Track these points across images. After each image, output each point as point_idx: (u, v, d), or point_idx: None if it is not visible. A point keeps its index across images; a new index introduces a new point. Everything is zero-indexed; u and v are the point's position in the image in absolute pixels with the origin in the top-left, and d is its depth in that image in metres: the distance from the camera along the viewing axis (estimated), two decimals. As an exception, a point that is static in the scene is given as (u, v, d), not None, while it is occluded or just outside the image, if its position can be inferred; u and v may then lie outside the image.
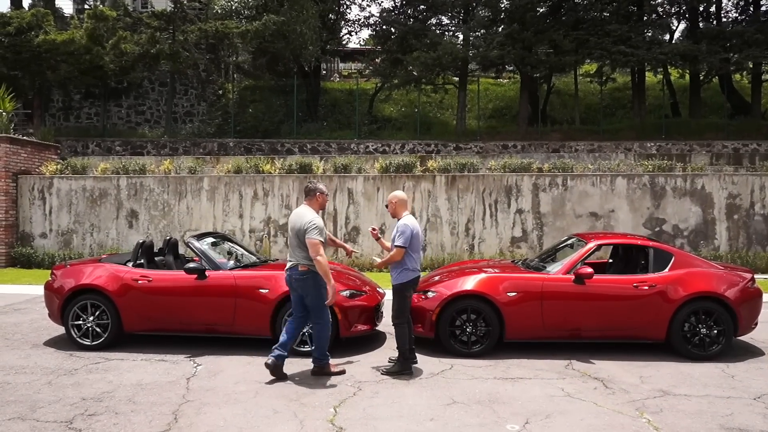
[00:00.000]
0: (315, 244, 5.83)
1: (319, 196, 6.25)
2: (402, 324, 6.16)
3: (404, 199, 6.41)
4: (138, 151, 21.18)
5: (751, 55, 20.75)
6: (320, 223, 5.97)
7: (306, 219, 5.97)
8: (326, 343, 6.12)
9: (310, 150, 21.32)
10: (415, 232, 6.14)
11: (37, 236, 14.98)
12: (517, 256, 13.75)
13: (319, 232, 5.90)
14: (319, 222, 5.96)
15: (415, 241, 6.16)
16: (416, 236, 6.16)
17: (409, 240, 6.09)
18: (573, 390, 5.72)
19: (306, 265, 5.92)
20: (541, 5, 22.91)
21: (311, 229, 5.88)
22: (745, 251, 14.06)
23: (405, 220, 6.21)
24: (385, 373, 6.16)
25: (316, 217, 6.02)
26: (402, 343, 6.18)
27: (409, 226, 6.12)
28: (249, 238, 14.57)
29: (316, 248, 5.81)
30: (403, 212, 6.33)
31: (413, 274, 6.19)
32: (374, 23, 26.54)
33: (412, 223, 6.20)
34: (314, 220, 5.96)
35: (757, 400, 5.47)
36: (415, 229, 6.16)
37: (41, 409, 5.16)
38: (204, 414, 5.08)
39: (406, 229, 6.09)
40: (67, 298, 7.16)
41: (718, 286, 6.83)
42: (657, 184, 14.26)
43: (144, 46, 20.91)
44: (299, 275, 5.96)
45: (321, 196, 6.26)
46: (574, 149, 20.74)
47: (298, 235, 5.94)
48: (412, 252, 6.15)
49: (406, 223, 6.14)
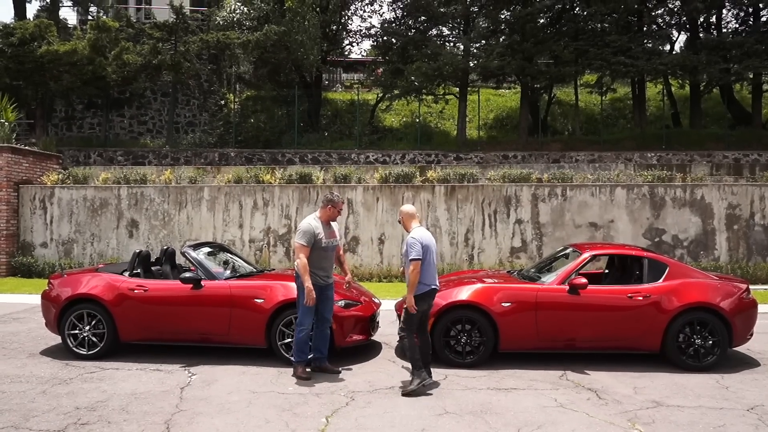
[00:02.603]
0: (296, 247, 6.28)
1: (330, 209, 6.48)
2: (406, 337, 6.09)
3: (409, 212, 6.33)
4: (140, 161, 21.28)
5: (751, 66, 20.77)
6: (308, 229, 6.26)
7: (301, 224, 6.41)
8: (302, 345, 6.31)
9: (311, 160, 21.39)
10: (424, 243, 5.99)
11: (37, 246, 15.05)
12: (517, 267, 13.74)
13: (303, 235, 6.24)
14: (306, 227, 6.28)
15: (427, 254, 6.00)
16: (426, 248, 5.99)
17: (421, 252, 5.92)
18: (566, 401, 5.72)
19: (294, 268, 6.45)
20: (541, 16, 23.03)
21: (297, 233, 6.35)
22: (745, 262, 14.03)
23: (414, 233, 6.09)
24: (405, 394, 5.83)
25: (307, 223, 6.32)
26: (411, 353, 5.99)
27: (416, 239, 5.97)
28: (249, 248, 14.61)
29: (297, 250, 6.25)
30: (412, 225, 6.24)
31: (424, 287, 5.99)
32: (375, 34, 26.69)
33: (420, 234, 6.05)
34: (302, 225, 6.33)
35: (750, 411, 5.46)
36: (424, 240, 6.00)
37: (35, 418, 5.18)
38: (196, 424, 5.09)
39: (415, 243, 5.94)
40: (64, 308, 7.19)
41: (712, 296, 6.83)
42: (657, 195, 14.27)
43: (146, 56, 21.06)
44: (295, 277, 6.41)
45: (331, 209, 6.48)
46: (575, 159, 20.76)
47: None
48: (425, 264, 5.99)
49: (413, 236, 6.02)
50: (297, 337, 6.33)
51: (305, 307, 6.21)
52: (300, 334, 6.30)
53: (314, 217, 6.46)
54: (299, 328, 6.31)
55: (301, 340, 6.31)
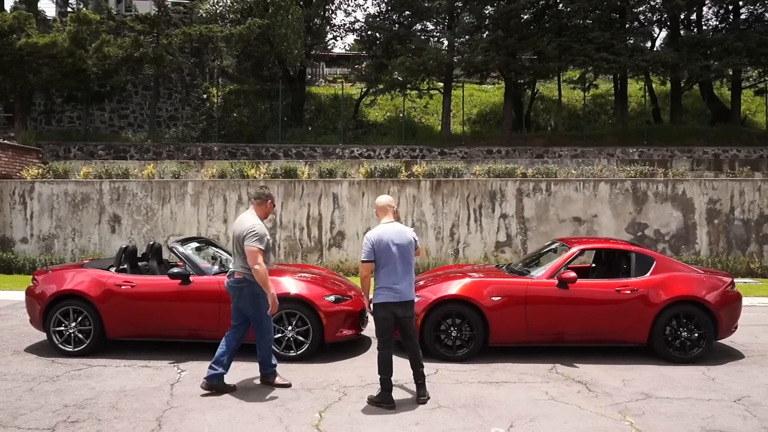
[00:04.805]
0: (253, 252, 5.56)
1: (269, 204, 6.05)
2: (381, 349, 5.41)
3: (379, 204, 5.62)
4: (121, 155, 21.01)
5: (731, 63, 21.06)
6: (261, 231, 5.69)
7: (246, 225, 5.72)
8: (269, 353, 5.96)
9: (295, 155, 21.29)
10: (376, 243, 5.28)
11: (17, 241, 14.79)
12: (502, 261, 13.83)
13: (259, 239, 5.62)
14: (259, 229, 5.69)
15: (382, 254, 5.29)
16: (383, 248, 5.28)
17: (371, 254, 5.30)
18: (557, 393, 5.77)
19: (242, 273, 5.72)
20: (525, 12, 23.13)
21: (250, 236, 5.62)
22: (725, 255, 14.25)
23: (372, 230, 5.45)
24: (369, 401, 5.46)
25: (258, 224, 5.74)
26: (380, 370, 5.39)
27: (368, 238, 5.33)
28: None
29: (254, 256, 5.55)
30: (382, 219, 5.55)
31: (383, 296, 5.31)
32: (359, 28, 26.63)
33: (376, 233, 5.35)
34: (255, 226, 5.68)
35: (737, 402, 5.55)
36: (373, 239, 5.30)
37: (23, 416, 5.10)
38: (188, 420, 5.05)
39: (366, 242, 5.34)
40: (49, 304, 7.07)
41: (698, 290, 6.93)
42: (639, 190, 14.43)
43: (128, 49, 20.78)
44: (234, 283, 5.76)
45: (270, 204, 6.07)
46: (558, 154, 20.92)
47: (239, 241, 5.70)
48: (380, 267, 5.33)
49: (366, 235, 5.40)
50: (259, 344, 5.90)
51: (261, 313, 5.78)
52: (269, 343, 5.96)
53: (256, 216, 5.86)
54: (267, 337, 5.92)
55: (263, 348, 5.92)
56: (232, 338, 5.88)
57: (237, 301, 5.83)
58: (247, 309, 5.81)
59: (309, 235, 14.58)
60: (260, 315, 5.81)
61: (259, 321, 5.84)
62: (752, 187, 14.44)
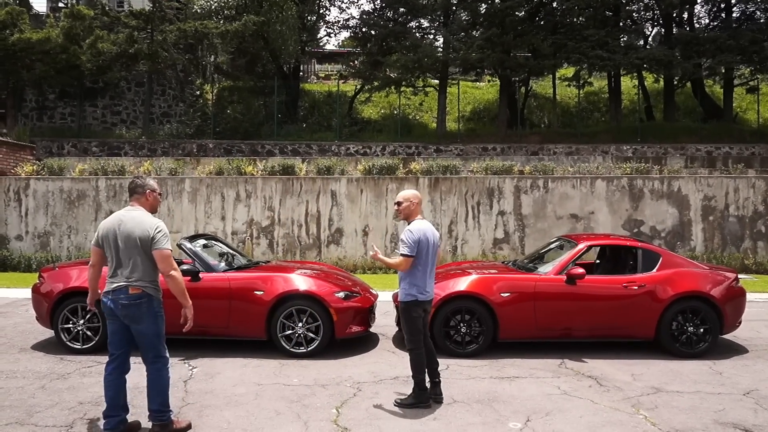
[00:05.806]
0: (167, 256, 4.48)
1: (150, 194, 4.75)
2: (414, 350, 5.27)
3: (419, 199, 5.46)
4: (115, 152, 20.87)
5: (723, 61, 21.28)
6: (166, 229, 4.60)
7: (147, 224, 4.51)
8: (167, 389, 4.69)
9: (291, 152, 21.25)
10: (423, 239, 5.16)
11: (12, 238, 14.67)
12: (500, 258, 13.90)
13: (169, 238, 4.57)
14: (164, 227, 4.58)
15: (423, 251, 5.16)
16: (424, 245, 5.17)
17: (415, 248, 5.14)
18: (569, 388, 5.82)
19: (139, 287, 4.47)
20: (520, 9, 23.23)
21: (160, 236, 4.48)
22: (720, 252, 14.42)
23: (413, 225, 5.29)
24: (398, 405, 5.29)
25: (161, 221, 4.62)
26: (416, 371, 5.29)
27: (412, 231, 5.18)
28: (232, 240, 14.46)
29: (169, 261, 4.48)
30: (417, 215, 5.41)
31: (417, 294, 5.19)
32: (354, 25, 26.62)
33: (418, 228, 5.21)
34: (160, 224, 4.55)
35: (746, 396, 5.64)
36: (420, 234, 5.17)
37: (38, 414, 5.08)
38: (206, 416, 5.05)
39: (410, 236, 5.15)
40: (57, 301, 7.03)
41: (704, 285, 7.02)
42: (635, 187, 14.55)
43: (122, 45, 20.64)
44: (129, 300, 4.47)
45: (152, 194, 4.77)
46: (553, 152, 21.03)
47: (139, 246, 4.46)
48: (418, 264, 5.19)
49: (409, 228, 5.25)
50: (157, 377, 4.66)
51: (160, 334, 4.68)
52: (161, 372, 4.68)
53: (147, 213, 4.68)
54: (156, 365, 4.67)
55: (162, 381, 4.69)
56: (114, 380, 4.70)
57: (129, 322, 4.54)
58: (142, 330, 4.56)
59: (307, 232, 14.58)
60: (159, 338, 4.65)
61: (158, 346, 4.66)
62: (746, 183, 14.61)
